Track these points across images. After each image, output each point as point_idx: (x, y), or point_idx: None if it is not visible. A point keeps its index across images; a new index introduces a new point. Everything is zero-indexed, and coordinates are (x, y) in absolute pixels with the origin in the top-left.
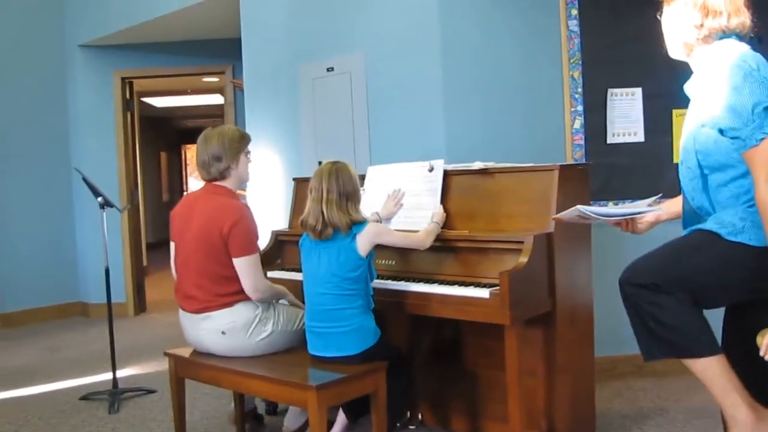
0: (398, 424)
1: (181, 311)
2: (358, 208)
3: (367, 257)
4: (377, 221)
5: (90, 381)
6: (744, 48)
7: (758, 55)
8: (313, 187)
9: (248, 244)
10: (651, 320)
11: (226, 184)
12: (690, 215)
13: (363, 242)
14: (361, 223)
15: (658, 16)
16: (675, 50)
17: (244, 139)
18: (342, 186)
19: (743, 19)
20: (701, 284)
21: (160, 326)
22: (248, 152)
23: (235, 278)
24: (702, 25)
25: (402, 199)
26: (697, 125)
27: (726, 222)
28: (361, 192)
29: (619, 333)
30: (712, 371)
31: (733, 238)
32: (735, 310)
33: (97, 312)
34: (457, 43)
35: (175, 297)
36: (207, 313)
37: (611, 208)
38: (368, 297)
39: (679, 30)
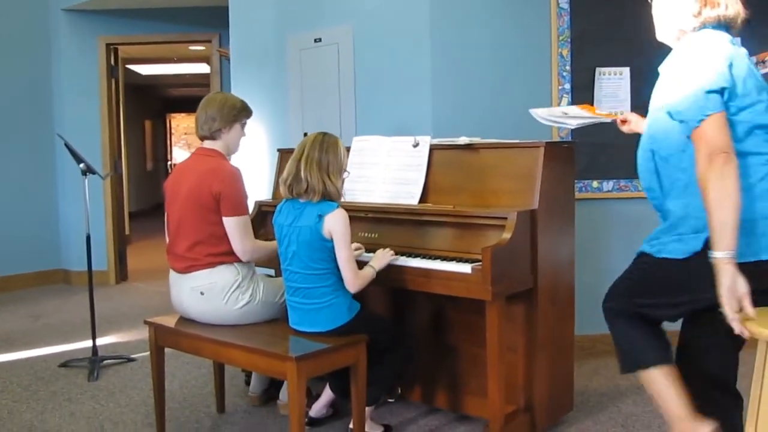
0: (389, 399)
1: (170, 273)
2: (337, 181)
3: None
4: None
5: (70, 348)
6: (719, 40)
7: (727, 46)
8: (298, 148)
9: (238, 205)
10: (613, 339)
11: (215, 146)
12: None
13: (328, 227)
14: (330, 202)
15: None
16: (665, 35)
17: (244, 111)
18: (325, 153)
19: (738, 8)
20: (646, 303)
21: (141, 295)
22: (244, 124)
23: (224, 238)
24: (699, 14)
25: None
26: (655, 109)
27: (653, 240)
28: (345, 175)
29: (600, 312)
30: (658, 383)
31: (659, 255)
32: (685, 321)
33: (79, 279)
34: (447, 18)
35: (167, 258)
36: (191, 273)
37: (566, 117)
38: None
39: (675, 17)
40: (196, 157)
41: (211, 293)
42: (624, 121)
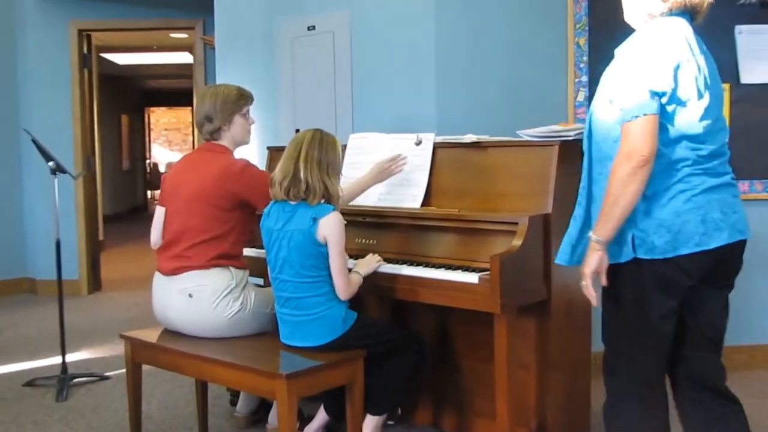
0: (389, 422)
1: (156, 276)
2: (336, 181)
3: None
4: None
5: (36, 365)
6: (678, 36)
7: (683, 47)
8: (294, 145)
9: (266, 191)
10: None
11: (221, 142)
12: None
13: (323, 231)
14: (326, 206)
15: None
16: (632, 18)
17: (240, 99)
18: (324, 152)
19: None
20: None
21: (116, 306)
22: (246, 113)
23: (227, 238)
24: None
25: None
26: (601, 91)
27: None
28: (341, 177)
29: None
30: None
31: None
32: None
33: (47, 289)
34: (452, 4)
35: (157, 257)
36: (181, 275)
37: None
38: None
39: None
40: (202, 152)
41: (199, 296)
42: None
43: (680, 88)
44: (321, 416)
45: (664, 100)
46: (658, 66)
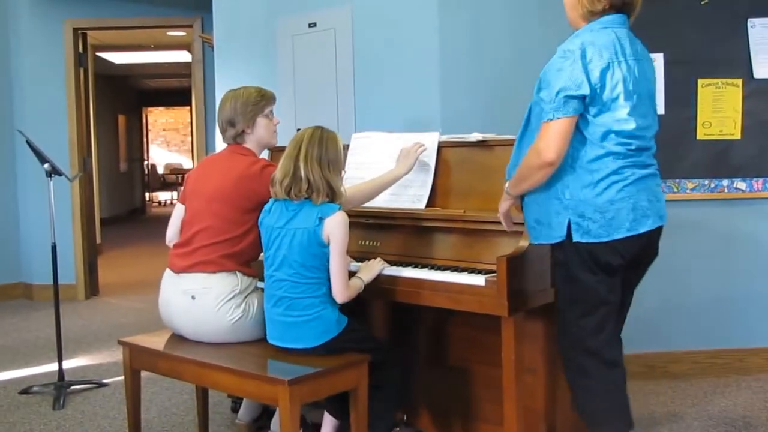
0: (395, 429)
1: (165, 273)
2: (338, 178)
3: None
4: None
5: (32, 372)
6: (606, 33)
7: (611, 43)
8: (294, 144)
9: None
10: None
11: (246, 145)
12: None
13: (328, 230)
14: (332, 205)
15: None
16: (572, 20)
17: (262, 100)
18: (325, 150)
19: None
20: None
21: (113, 311)
22: (269, 114)
23: (237, 242)
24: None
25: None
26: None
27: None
28: (343, 173)
29: (630, 330)
30: None
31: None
32: None
33: (42, 294)
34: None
35: (170, 254)
36: (190, 273)
37: None
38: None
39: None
40: (226, 154)
41: (203, 299)
42: None
43: (608, 89)
44: (329, 422)
45: (586, 101)
46: (580, 71)
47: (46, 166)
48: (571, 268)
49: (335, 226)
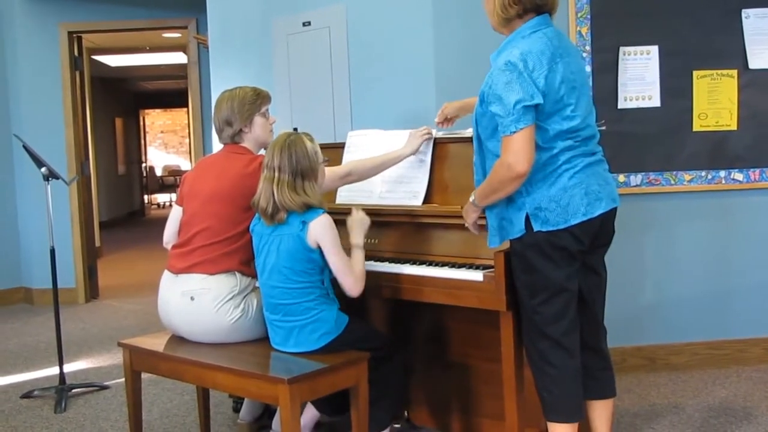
0: (395, 425)
1: (164, 274)
2: (314, 186)
3: (320, 247)
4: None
5: (33, 376)
6: (539, 36)
7: (546, 45)
8: (266, 163)
9: None
10: None
11: (243, 144)
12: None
13: (313, 235)
14: (315, 209)
15: None
16: (495, 25)
17: (258, 99)
18: (295, 163)
19: None
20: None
21: (113, 314)
22: (265, 112)
23: (235, 241)
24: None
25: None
26: (481, 96)
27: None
28: (326, 161)
29: (630, 323)
30: None
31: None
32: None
33: (42, 298)
34: None
35: (168, 256)
36: (188, 274)
37: None
38: (326, 287)
39: (497, 4)
40: (225, 153)
41: (201, 300)
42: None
43: (554, 91)
44: (309, 412)
45: (538, 107)
46: (528, 82)
47: (43, 170)
48: (529, 257)
49: (320, 230)
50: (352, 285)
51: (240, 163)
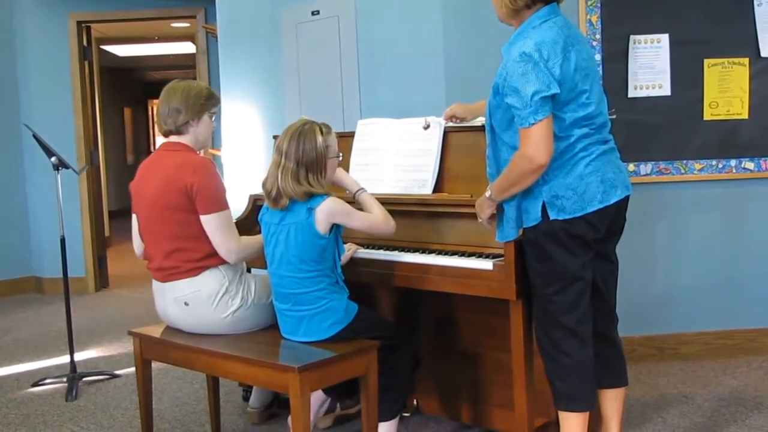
0: (405, 414)
1: (153, 282)
2: (318, 179)
3: (330, 233)
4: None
5: (44, 365)
6: (550, 27)
7: (558, 35)
8: (276, 145)
9: (216, 199)
10: None
11: (182, 140)
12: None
13: (321, 219)
14: (319, 195)
15: None
16: (503, 16)
17: (212, 98)
18: (302, 154)
19: None
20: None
21: (124, 303)
22: (213, 114)
23: (203, 239)
24: None
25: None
26: (494, 88)
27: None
28: (339, 158)
29: (640, 312)
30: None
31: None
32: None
33: (53, 288)
34: None
35: (148, 267)
36: (173, 282)
37: None
38: (335, 275)
39: None
40: (160, 153)
41: (196, 303)
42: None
43: (569, 79)
44: (316, 396)
45: (555, 98)
46: (545, 72)
47: (53, 159)
48: (544, 246)
49: (329, 210)
50: (385, 227)
51: (177, 161)
